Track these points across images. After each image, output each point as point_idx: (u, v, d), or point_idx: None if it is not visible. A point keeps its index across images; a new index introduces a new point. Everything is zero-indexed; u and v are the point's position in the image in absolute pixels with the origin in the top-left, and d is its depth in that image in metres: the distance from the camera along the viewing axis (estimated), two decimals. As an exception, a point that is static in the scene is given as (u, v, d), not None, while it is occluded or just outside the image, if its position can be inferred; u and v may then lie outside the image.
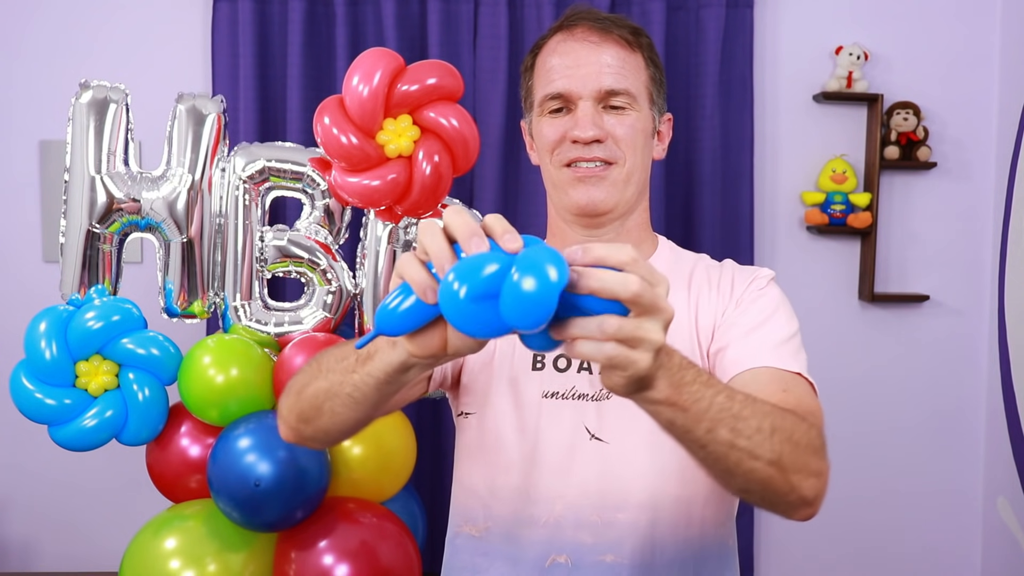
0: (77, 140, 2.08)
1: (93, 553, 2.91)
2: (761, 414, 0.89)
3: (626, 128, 1.16)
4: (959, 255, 2.94)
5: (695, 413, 0.83)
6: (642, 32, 1.21)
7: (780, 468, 0.89)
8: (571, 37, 1.18)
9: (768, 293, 1.18)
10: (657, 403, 0.81)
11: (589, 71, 1.15)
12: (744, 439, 0.86)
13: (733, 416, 0.86)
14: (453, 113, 1.86)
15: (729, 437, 0.85)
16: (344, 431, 1.04)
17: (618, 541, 1.12)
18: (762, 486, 0.90)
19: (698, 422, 0.83)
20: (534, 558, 1.14)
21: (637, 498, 1.12)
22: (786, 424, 0.91)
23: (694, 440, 0.85)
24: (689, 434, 0.85)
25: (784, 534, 3.01)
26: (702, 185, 2.80)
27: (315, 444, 1.09)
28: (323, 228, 2.19)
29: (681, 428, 0.84)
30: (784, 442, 0.89)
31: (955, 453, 2.98)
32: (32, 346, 1.97)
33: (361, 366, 0.91)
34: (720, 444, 0.85)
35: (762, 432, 0.88)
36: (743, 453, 0.87)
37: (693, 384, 0.83)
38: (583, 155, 1.15)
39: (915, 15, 2.88)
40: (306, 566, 1.97)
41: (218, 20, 2.74)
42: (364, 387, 0.93)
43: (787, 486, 0.90)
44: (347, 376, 0.94)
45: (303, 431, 1.06)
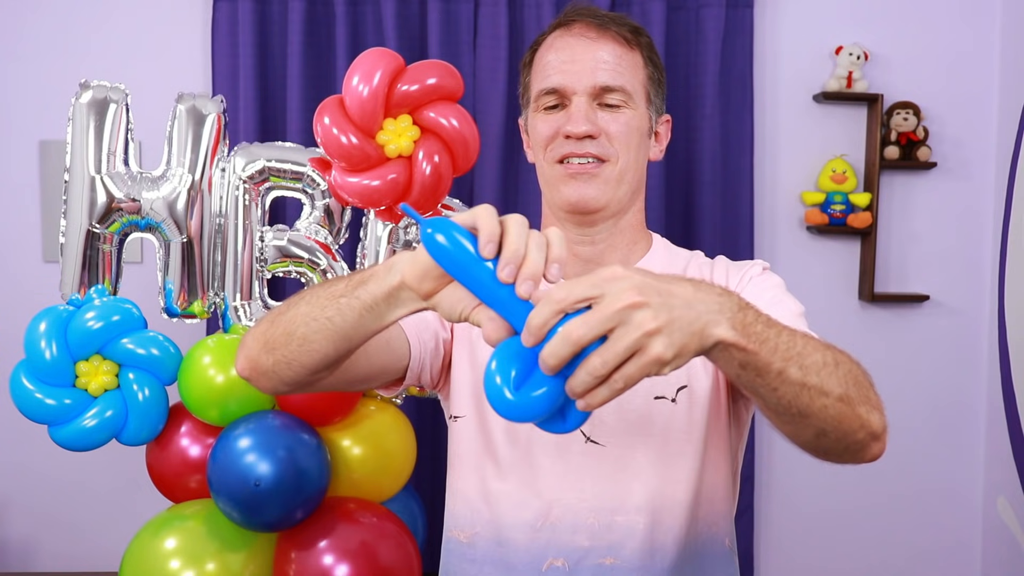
0: (77, 140, 2.08)
1: (93, 553, 2.91)
2: (822, 348, 0.89)
3: (620, 125, 1.15)
4: (959, 255, 2.94)
5: (765, 354, 0.82)
6: (642, 31, 1.20)
7: (848, 402, 0.88)
8: (568, 33, 1.18)
9: (768, 279, 1.18)
10: (728, 348, 0.81)
11: (584, 67, 1.15)
12: (813, 375, 0.86)
13: (799, 354, 0.85)
14: (453, 113, 1.86)
15: (799, 375, 0.85)
16: (306, 367, 0.99)
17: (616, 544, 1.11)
18: (835, 425, 0.88)
19: (769, 364, 0.83)
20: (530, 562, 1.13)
21: (634, 501, 1.12)
22: (843, 358, 0.91)
23: (766, 384, 0.84)
24: (761, 378, 0.84)
25: (784, 534, 3.01)
26: (702, 185, 2.80)
27: (269, 380, 1.03)
28: (323, 228, 2.19)
29: (753, 372, 0.83)
30: (847, 375, 0.89)
31: (955, 453, 2.98)
32: (32, 346, 1.97)
33: (351, 290, 0.92)
34: (792, 384, 0.84)
35: (827, 367, 0.87)
36: (814, 391, 0.86)
37: (756, 324, 0.83)
38: (575, 151, 1.14)
39: (915, 15, 2.88)
40: (306, 566, 1.97)
41: (218, 20, 2.74)
42: (347, 311, 0.92)
43: (857, 421, 0.90)
44: (333, 301, 0.94)
45: (262, 361, 1.01)
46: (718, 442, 1.15)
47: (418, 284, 0.86)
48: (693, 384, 1.14)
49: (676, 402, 1.13)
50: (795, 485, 2.99)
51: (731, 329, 0.81)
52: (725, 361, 0.83)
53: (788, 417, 0.88)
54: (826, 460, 0.97)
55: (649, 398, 1.12)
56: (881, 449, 0.96)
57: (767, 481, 2.98)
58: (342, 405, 2.10)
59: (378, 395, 2.24)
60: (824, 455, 0.95)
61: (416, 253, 0.86)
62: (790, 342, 0.86)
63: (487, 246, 0.80)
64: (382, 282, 0.89)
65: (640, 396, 1.12)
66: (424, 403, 2.70)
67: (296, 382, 1.02)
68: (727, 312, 0.82)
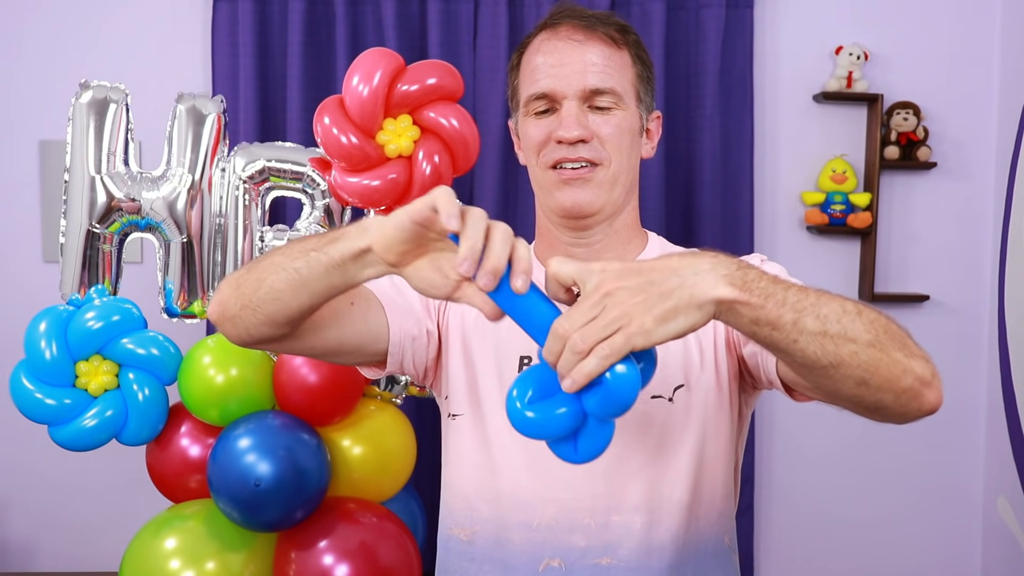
0: (77, 140, 2.08)
1: (93, 553, 2.91)
2: (840, 299, 0.88)
3: (611, 128, 1.14)
4: (959, 255, 2.94)
5: (774, 306, 0.83)
6: (629, 29, 1.19)
7: (881, 347, 0.87)
8: (555, 36, 1.16)
9: (770, 267, 1.18)
10: (728, 303, 0.81)
11: (573, 70, 1.14)
12: (834, 324, 0.85)
13: (813, 304, 0.85)
14: (453, 113, 1.86)
15: (818, 325, 0.84)
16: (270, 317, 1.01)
17: (613, 543, 1.11)
18: (873, 371, 0.86)
19: (780, 316, 0.83)
20: (527, 562, 1.12)
21: (631, 500, 1.11)
22: (868, 310, 0.89)
23: (785, 337, 0.84)
24: (777, 331, 0.83)
25: (784, 534, 3.01)
26: (702, 185, 2.80)
27: (234, 326, 1.06)
28: (323, 228, 2.19)
29: (768, 327, 0.83)
30: (874, 321, 0.88)
31: (955, 453, 2.98)
32: (32, 346, 1.97)
33: (323, 245, 0.94)
34: (812, 334, 0.84)
35: (848, 313, 0.86)
36: (838, 339, 0.85)
37: (760, 281, 0.83)
38: (568, 155, 1.14)
39: (915, 15, 2.88)
40: (306, 566, 1.97)
41: (218, 20, 2.74)
42: (315, 264, 0.94)
43: (897, 366, 0.88)
44: (304, 253, 0.95)
45: (230, 305, 1.04)
46: (718, 441, 1.15)
47: (384, 252, 0.88)
48: (692, 383, 1.13)
49: (673, 401, 1.12)
50: (795, 485, 2.99)
51: (729, 286, 0.82)
52: (735, 320, 0.84)
53: (820, 371, 0.87)
54: (883, 419, 0.94)
55: (646, 397, 1.12)
56: (937, 397, 0.92)
57: (767, 481, 2.98)
58: (342, 405, 2.10)
59: (377, 394, 2.24)
60: (877, 413, 0.92)
61: (387, 220, 0.88)
62: (800, 295, 0.85)
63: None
64: (352, 242, 0.91)
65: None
66: (424, 403, 2.70)
67: (261, 335, 1.04)
68: (722, 269, 0.83)
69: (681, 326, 0.81)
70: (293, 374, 2.04)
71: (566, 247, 1.20)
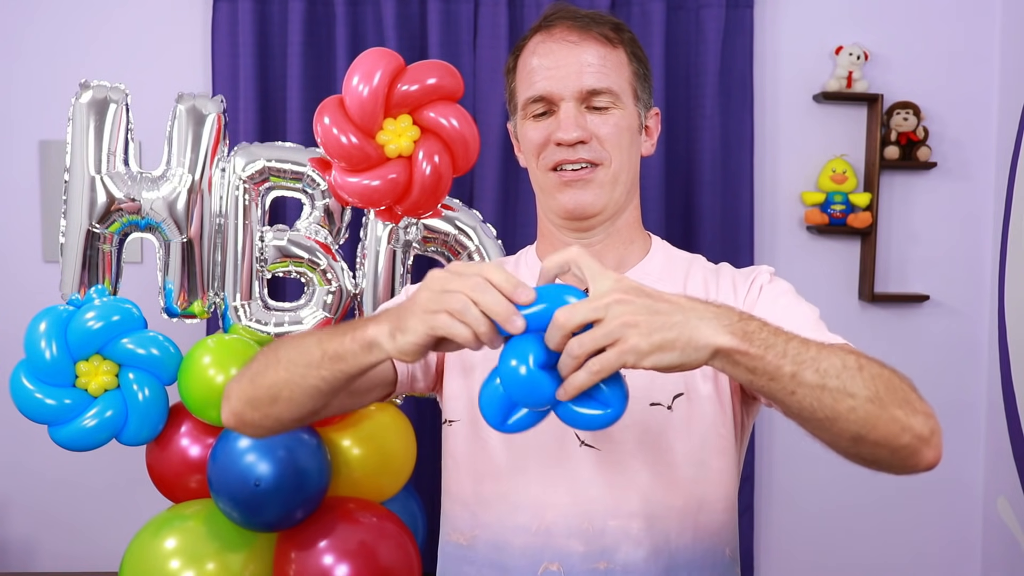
0: (77, 140, 2.08)
1: (93, 553, 2.91)
2: (843, 353, 0.88)
3: (610, 128, 1.14)
4: (959, 255, 2.94)
5: (773, 358, 0.83)
6: (623, 27, 1.19)
7: (881, 404, 0.87)
8: (550, 38, 1.16)
9: (778, 286, 1.17)
10: (727, 353, 0.82)
11: (569, 71, 1.13)
12: (833, 378, 0.85)
13: (813, 358, 0.85)
14: (453, 113, 1.86)
15: (817, 378, 0.84)
16: (299, 420, 1.05)
17: (610, 549, 1.10)
18: (870, 428, 0.86)
19: (779, 368, 0.83)
20: (525, 567, 1.12)
21: (628, 506, 1.11)
22: (871, 363, 0.89)
23: (782, 388, 0.84)
24: (775, 382, 0.84)
25: (784, 534, 3.01)
26: (702, 185, 2.80)
27: (257, 431, 1.09)
28: (323, 228, 2.19)
29: (765, 377, 0.83)
30: (876, 378, 0.88)
31: (955, 453, 2.98)
32: (32, 346, 1.97)
33: (330, 364, 0.96)
34: (809, 387, 0.84)
35: (849, 369, 0.86)
36: (837, 392, 0.85)
37: (761, 332, 0.84)
38: (568, 157, 1.14)
39: (915, 15, 2.88)
40: (306, 566, 1.97)
41: (218, 20, 2.74)
42: (335, 381, 0.97)
43: (896, 424, 0.88)
44: (313, 371, 0.98)
45: (248, 416, 1.07)
46: (718, 451, 1.14)
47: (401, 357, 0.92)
48: (691, 392, 1.13)
49: (672, 409, 1.12)
50: (795, 485, 2.99)
51: (730, 335, 0.82)
52: (732, 369, 0.84)
53: (816, 423, 0.87)
54: (880, 470, 0.94)
55: (645, 404, 1.12)
56: (935, 456, 0.93)
57: (767, 481, 2.98)
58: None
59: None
60: (873, 464, 0.92)
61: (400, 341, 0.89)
62: (801, 348, 0.85)
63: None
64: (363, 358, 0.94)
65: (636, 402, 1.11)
66: (424, 403, 2.70)
67: (284, 430, 1.09)
68: (724, 320, 0.83)
69: (673, 360, 0.81)
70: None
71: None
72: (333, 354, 0.95)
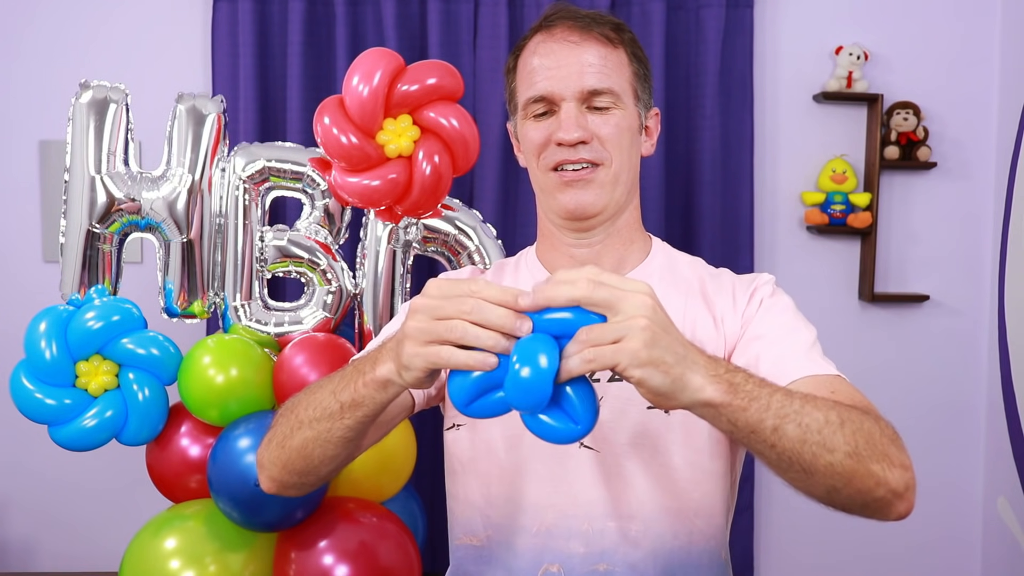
0: (77, 140, 2.08)
1: (93, 553, 2.91)
2: (826, 408, 0.88)
3: (611, 128, 1.14)
4: (959, 255, 2.94)
5: (756, 411, 0.83)
6: (624, 27, 1.19)
7: (859, 459, 0.87)
8: (551, 37, 1.16)
9: (779, 302, 1.16)
10: (714, 406, 0.81)
11: (571, 71, 1.13)
12: (815, 433, 0.85)
13: (796, 412, 0.85)
14: (453, 113, 1.86)
15: (798, 433, 0.84)
16: (338, 468, 1.07)
17: (609, 550, 1.11)
18: (846, 482, 0.87)
19: (761, 421, 0.83)
20: (527, 567, 1.13)
21: (627, 508, 1.11)
22: (853, 416, 0.89)
23: (763, 441, 0.84)
24: (756, 434, 0.84)
25: (783, 537, 3.01)
26: (702, 185, 2.80)
27: (302, 489, 1.10)
28: (323, 228, 2.19)
29: (746, 429, 0.83)
30: (856, 432, 0.88)
31: (955, 453, 2.98)
32: (32, 346, 1.97)
33: (350, 412, 0.97)
34: (790, 440, 0.84)
35: (831, 424, 0.86)
36: (817, 447, 0.85)
37: (746, 384, 0.83)
38: (569, 157, 1.14)
39: (915, 15, 2.88)
40: (306, 566, 1.97)
41: (218, 20, 2.74)
42: (359, 427, 0.98)
43: (871, 479, 0.88)
44: (336, 423, 0.98)
45: (288, 480, 1.07)
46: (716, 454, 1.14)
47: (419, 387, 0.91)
48: None
49: (670, 414, 1.12)
50: (795, 485, 2.99)
51: (716, 387, 0.82)
52: (714, 420, 0.84)
53: (794, 474, 0.88)
54: (847, 514, 0.95)
55: (643, 407, 1.12)
56: (907, 508, 0.93)
57: (767, 481, 2.98)
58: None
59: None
60: (843, 510, 0.93)
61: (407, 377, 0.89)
62: (785, 401, 0.85)
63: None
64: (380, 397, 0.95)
65: (635, 405, 1.12)
66: (424, 403, 2.69)
67: (329, 478, 1.09)
68: (712, 370, 0.83)
69: (660, 384, 0.80)
70: (293, 374, 2.04)
71: (568, 248, 1.20)
72: (350, 402, 0.96)
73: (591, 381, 0.85)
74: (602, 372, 1.13)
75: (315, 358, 2.04)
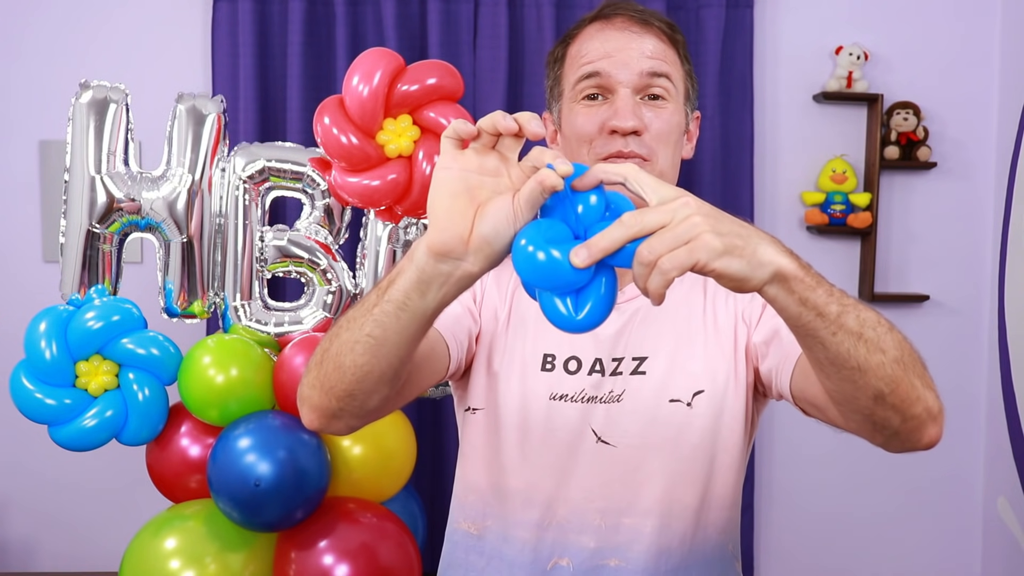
0: (77, 140, 2.08)
1: (93, 553, 2.91)
2: (875, 311, 0.88)
3: (663, 122, 1.13)
4: (959, 255, 2.94)
5: (823, 293, 0.82)
6: (678, 29, 1.19)
7: (904, 367, 0.87)
8: (610, 26, 1.15)
9: None
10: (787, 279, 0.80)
11: (631, 55, 1.12)
12: (870, 330, 0.85)
13: (854, 305, 0.85)
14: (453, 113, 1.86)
15: (856, 325, 0.84)
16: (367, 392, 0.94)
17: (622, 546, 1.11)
18: (893, 387, 0.87)
19: (827, 304, 0.82)
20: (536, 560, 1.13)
21: (643, 503, 1.11)
22: (898, 331, 0.89)
23: (826, 327, 0.83)
24: (821, 317, 0.82)
25: (784, 534, 3.01)
26: (702, 185, 2.80)
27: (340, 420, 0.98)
28: (323, 228, 2.19)
29: (813, 311, 0.82)
30: (901, 343, 0.88)
31: (955, 453, 2.98)
32: (32, 346, 1.97)
33: (381, 296, 0.88)
34: (848, 332, 0.83)
35: (882, 325, 0.86)
36: (872, 344, 0.84)
37: (811, 268, 0.83)
38: (622, 149, 1.11)
39: (915, 15, 2.88)
40: (306, 566, 1.97)
41: (218, 20, 2.74)
42: (384, 319, 0.88)
43: (914, 391, 0.88)
44: (367, 315, 0.89)
45: (327, 405, 0.96)
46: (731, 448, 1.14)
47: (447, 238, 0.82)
48: (712, 389, 1.12)
49: (692, 406, 1.11)
50: (795, 485, 2.99)
51: (790, 260, 0.81)
52: (785, 297, 0.82)
53: (847, 372, 0.86)
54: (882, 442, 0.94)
55: (664, 401, 1.11)
56: (938, 433, 0.93)
57: (767, 481, 2.98)
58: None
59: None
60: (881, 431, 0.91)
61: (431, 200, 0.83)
62: (842, 295, 0.85)
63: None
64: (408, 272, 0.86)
65: (655, 399, 1.11)
66: (424, 403, 2.70)
67: (365, 412, 0.98)
68: (781, 247, 0.82)
69: (740, 269, 0.78)
70: (293, 374, 2.04)
71: None
72: (387, 283, 0.88)
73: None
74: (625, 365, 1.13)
75: (315, 358, 2.04)
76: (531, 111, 1.20)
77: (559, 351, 1.15)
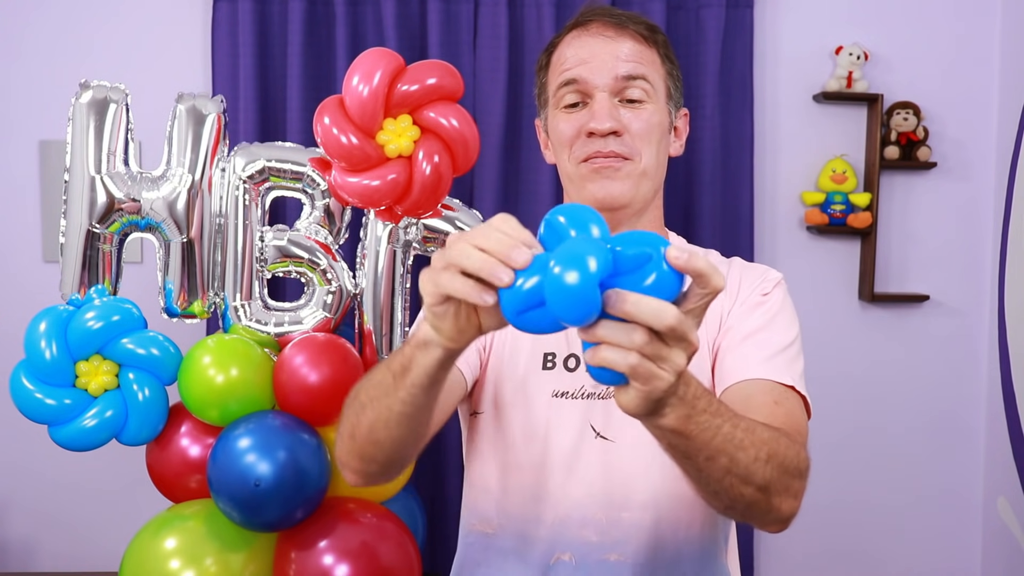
0: (77, 140, 2.08)
1: (93, 553, 2.91)
2: (760, 443, 0.88)
3: (642, 122, 1.15)
4: (959, 255, 2.94)
5: (700, 443, 0.82)
6: (658, 29, 1.21)
7: (766, 492, 0.90)
8: (586, 32, 1.18)
9: (772, 298, 1.17)
10: (665, 429, 0.79)
11: (605, 60, 1.15)
12: (740, 467, 0.86)
13: (735, 447, 0.85)
14: (453, 113, 1.86)
15: (726, 464, 0.85)
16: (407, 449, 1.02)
17: (622, 540, 1.13)
18: (746, 507, 0.90)
19: (700, 451, 0.83)
20: (539, 556, 1.15)
21: (641, 497, 1.13)
22: (780, 449, 0.91)
23: (692, 465, 0.85)
24: (688, 460, 0.84)
25: (784, 534, 3.00)
26: (702, 185, 2.80)
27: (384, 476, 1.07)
28: (323, 228, 2.19)
29: (682, 453, 0.84)
30: (776, 468, 0.90)
31: (955, 453, 2.98)
32: (32, 346, 1.97)
33: (401, 381, 0.91)
34: (716, 470, 0.85)
35: (758, 461, 0.88)
36: (736, 479, 0.87)
37: (703, 414, 0.81)
38: (600, 149, 1.14)
39: (915, 15, 2.88)
40: (306, 566, 1.97)
41: (218, 20, 2.74)
42: (412, 398, 0.92)
43: (768, 507, 0.92)
44: (392, 396, 0.93)
45: (370, 470, 1.05)
46: None
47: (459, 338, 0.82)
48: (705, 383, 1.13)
49: None
50: (795, 485, 2.99)
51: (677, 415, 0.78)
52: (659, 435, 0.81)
53: (702, 488, 0.89)
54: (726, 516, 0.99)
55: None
56: (782, 529, 0.99)
57: (767, 481, 2.98)
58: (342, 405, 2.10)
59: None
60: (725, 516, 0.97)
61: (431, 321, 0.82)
62: (729, 434, 0.84)
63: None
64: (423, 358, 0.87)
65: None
66: (424, 403, 2.69)
67: (405, 461, 1.06)
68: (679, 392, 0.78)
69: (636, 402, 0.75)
70: (293, 374, 2.04)
71: None
72: (400, 369, 0.91)
73: None
74: None
75: (315, 358, 2.04)
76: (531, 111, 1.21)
77: (559, 350, 1.18)
